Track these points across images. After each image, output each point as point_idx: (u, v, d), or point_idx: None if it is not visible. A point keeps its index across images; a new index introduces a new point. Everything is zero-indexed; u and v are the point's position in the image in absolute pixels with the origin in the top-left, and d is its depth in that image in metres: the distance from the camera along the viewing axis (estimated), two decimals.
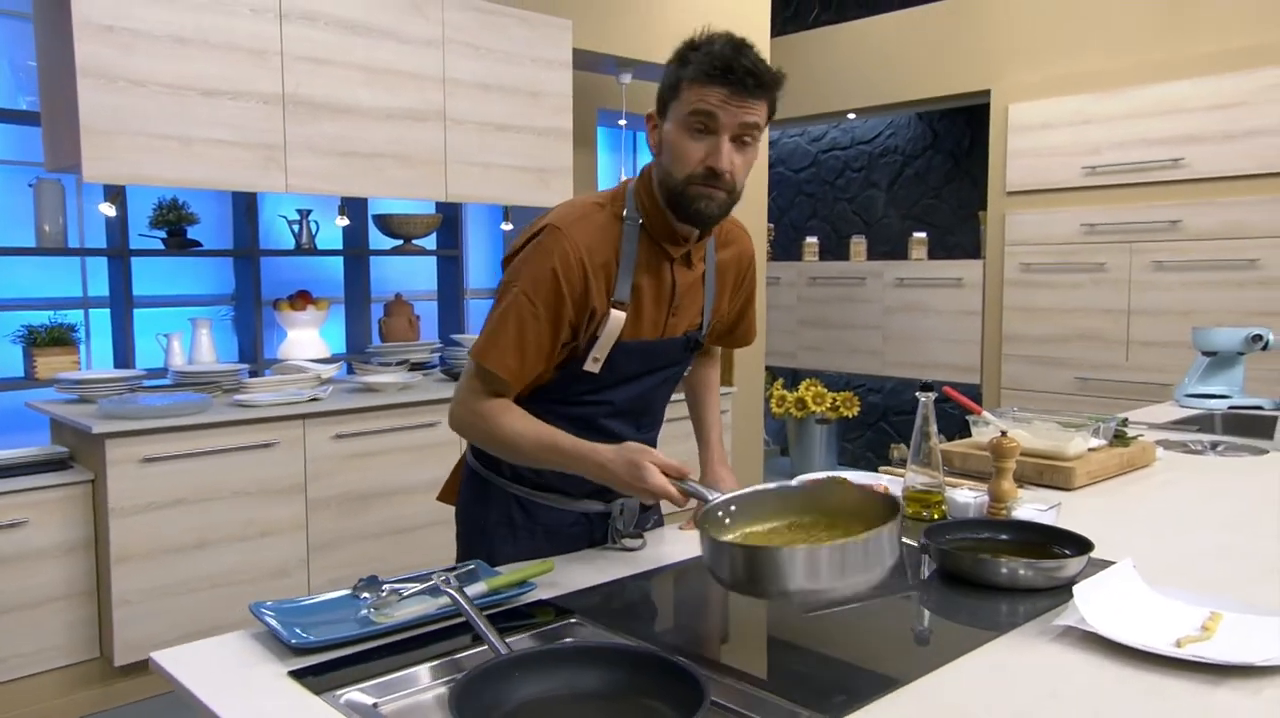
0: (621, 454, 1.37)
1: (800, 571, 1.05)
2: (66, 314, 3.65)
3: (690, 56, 1.39)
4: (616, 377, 1.54)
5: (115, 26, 2.75)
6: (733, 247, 1.65)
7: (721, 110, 1.36)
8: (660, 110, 1.46)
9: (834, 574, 1.06)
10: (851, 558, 1.06)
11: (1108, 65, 4.51)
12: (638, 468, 1.34)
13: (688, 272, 1.56)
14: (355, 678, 1.12)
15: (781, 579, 1.06)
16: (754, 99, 1.37)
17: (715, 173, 1.40)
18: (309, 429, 3.09)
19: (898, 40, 5.33)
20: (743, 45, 1.38)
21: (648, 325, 1.53)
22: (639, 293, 1.51)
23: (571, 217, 1.48)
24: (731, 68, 1.34)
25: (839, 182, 6.25)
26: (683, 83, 1.39)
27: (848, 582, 1.07)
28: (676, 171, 1.42)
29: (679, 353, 1.60)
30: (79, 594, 2.80)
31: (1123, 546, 1.61)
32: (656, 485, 1.32)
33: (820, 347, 5.83)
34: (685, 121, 1.39)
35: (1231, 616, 1.23)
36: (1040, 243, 4.73)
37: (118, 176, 2.82)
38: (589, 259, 1.45)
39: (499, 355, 1.45)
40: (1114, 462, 2.14)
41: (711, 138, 1.39)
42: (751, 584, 1.09)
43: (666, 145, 1.44)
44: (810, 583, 1.05)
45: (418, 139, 3.44)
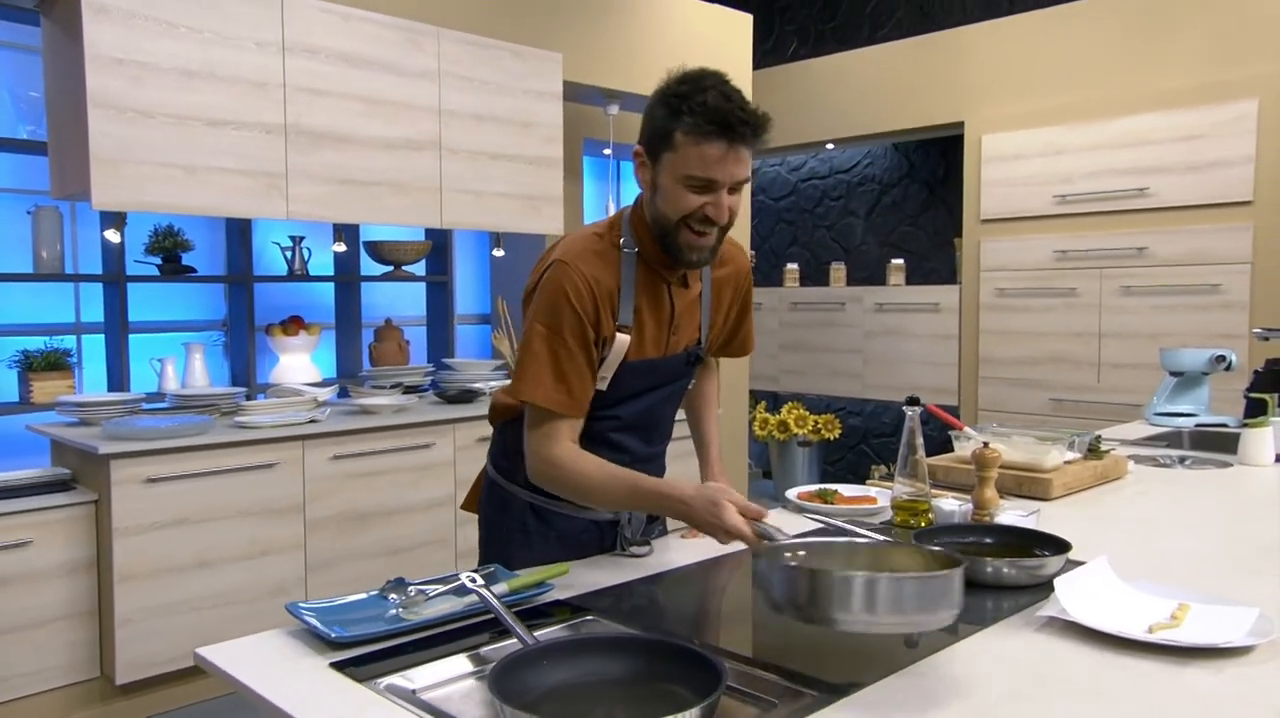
0: (702, 493, 1.42)
1: (858, 598, 1.08)
2: (60, 340, 3.70)
3: (682, 107, 1.43)
4: (623, 394, 1.63)
5: (125, 60, 2.84)
6: (729, 265, 1.75)
7: (720, 170, 1.44)
8: (650, 151, 1.51)
9: (890, 607, 1.09)
10: (909, 594, 1.10)
11: (1077, 99, 4.70)
12: (717, 507, 1.39)
13: (685, 292, 1.66)
14: (391, 669, 1.20)
15: (838, 605, 1.09)
16: (748, 147, 1.46)
17: (710, 221, 1.49)
18: (308, 450, 3.16)
19: (874, 74, 5.51)
20: (732, 92, 1.44)
21: (650, 345, 1.62)
22: (640, 316, 1.60)
23: (575, 249, 1.57)
24: (729, 122, 1.41)
25: (818, 209, 6.41)
26: (676, 134, 1.44)
27: (904, 618, 1.11)
28: (671, 215, 1.50)
29: (681, 368, 1.70)
30: (81, 614, 2.83)
31: (1098, 548, 1.71)
32: (734, 526, 1.37)
33: (802, 370, 5.95)
34: (683, 179, 1.46)
35: (1198, 606, 1.33)
36: (1014, 268, 4.89)
37: (125, 204, 2.89)
38: (596, 287, 1.53)
39: (543, 391, 1.51)
40: (1088, 474, 2.26)
41: (710, 194, 1.47)
42: (810, 609, 1.12)
43: (661, 191, 1.51)
44: (866, 613, 1.09)
45: (414, 168, 3.54)
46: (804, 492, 2.13)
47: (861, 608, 1.09)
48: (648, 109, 1.52)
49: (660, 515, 1.68)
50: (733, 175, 1.46)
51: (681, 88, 1.46)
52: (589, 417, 1.63)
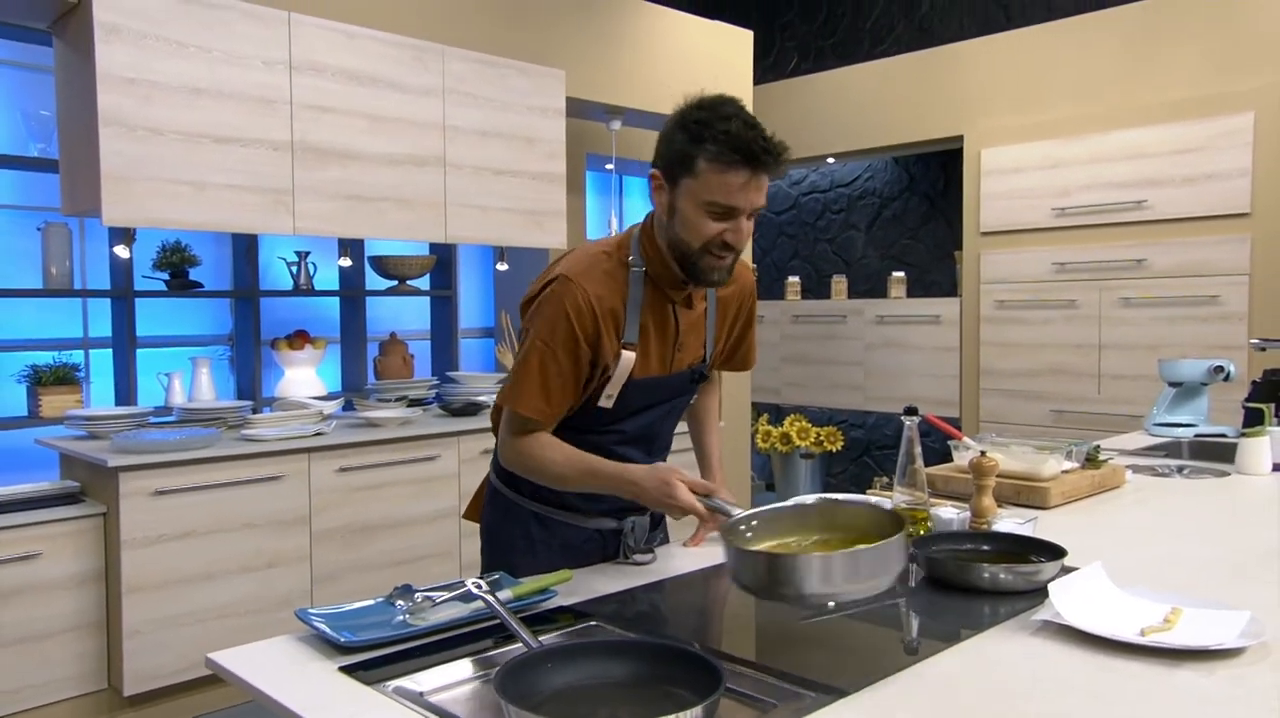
0: (653, 473, 1.50)
1: (816, 575, 1.18)
2: (69, 354, 3.74)
3: (705, 134, 1.45)
4: (628, 409, 1.66)
5: (136, 79, 2.88)
6: (734, 283, 1.77)
7: (741, 198, 1.47)
8: (669, 175, 1.53)
9: (846, 579, 1.20)
10: (862, 565, 1.20)
11: (1075, 112, 4.74)
12: (668, 486, 1.47)
13: (689, 312, 1.69)
14: (399, 673, 1.23)
15: (799, 583, 1.19)
16: (769, 175, 1.49)
17: (730, 247, 1.53)
18: (314, 463, 3.19)
19: (874, 88, 5.56)
20: (754, 120, 1.47)
21: (655, 363, 1.66)
22: (645, 334, 1.63)
23: (580, 265, 1.60)
24: (753, 152, 1.44)
25: (819, 223, 6.45)
26: (699, 160, 1.47)
27: (858, 586, 1.21)
28: (692, 241, 1.53)
29: (685, 385, 1.73)
30: (88, 626, 2.86)
31: (1095, 555, 1.73)
32: (685, 502, 1.46)
33: (803, 383, 5.98)
34: (705, 205, 1.49)
35: (1190, 610, 1.36)
36: (1014, 281, 4.92)
37: (135, 220, 2.94)
38: (598, 305, 1.57)
39: (527, 400, 1.57)
40: (1086, 483, 2.28)
41: (730, 221, 1.50)
42: (772, 588, 1.22)
43: (680, 217, 1.53)
44: (824, 587, 1.19)
45: (419, 183, 3.59)
46: (822, 498, 2.15)
47: (820, 582, 1.18)
48: (665, 133, 1.54)
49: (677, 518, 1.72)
50: (753, 203, 1.50)
51: (702, 114, 1.48)
52: (593, 430, 1.66)
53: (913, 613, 1.51)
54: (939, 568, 1.57)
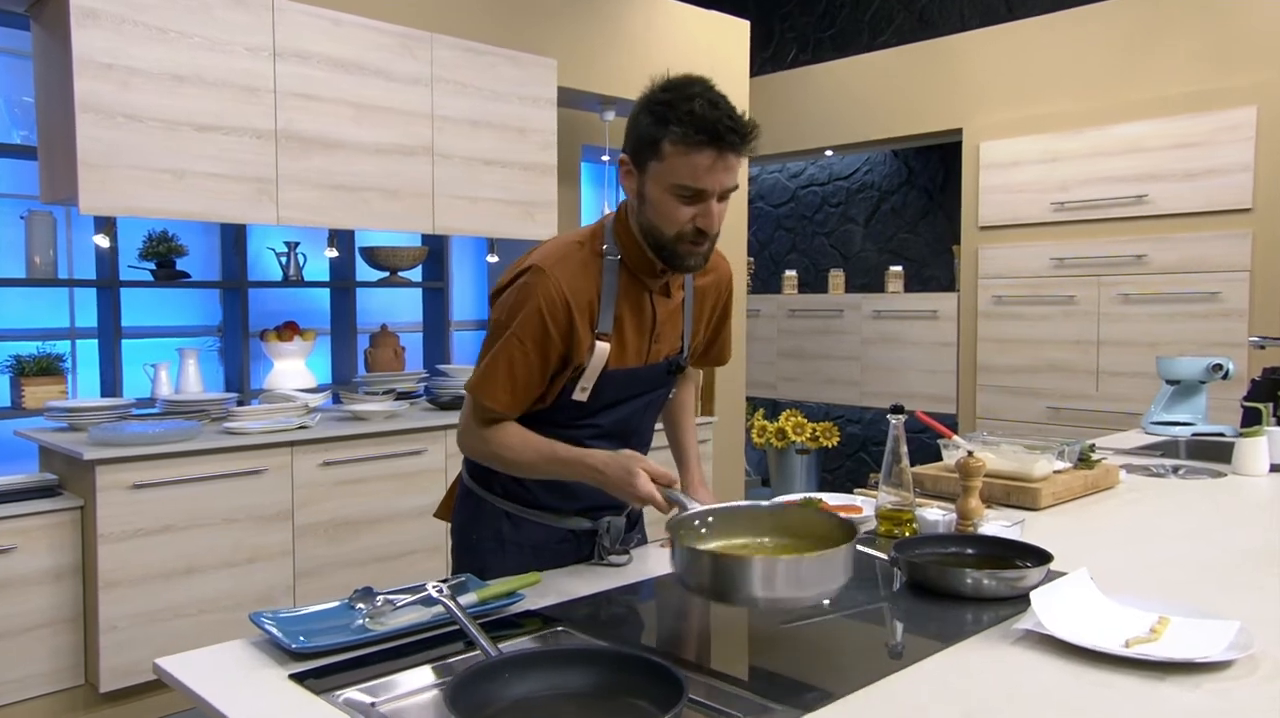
0: (616, 459, 1.46)
1: (758, 579, 1.16)
2: (54, 345, 3.69)
3: (669, 116, 1.41)
4: (603, 402, 1.61)
5: (114, 64, 2.83)
6: (712, 274, 1.73)
7: (710, 179, 1.42)
8: (636, 160, 1.49)
9: (790, 586, 1.17)
10: (806, 572, 1.18)
11: (1074, 106, 4.68)
12: (629, 474, 1.44)
13: (666, 301, 1.64)
14: (352, 681, 1.18)
15: (741, 586, 1.16)
16: (737, 155, 1.44)
17: (704, 232, 1.48)
18: (297, 457, 3.14)
19: (873, 81, 5.50)
20: (719, 98, 1.42)
21: (631, 354, 1.61)
22: (621, 324, 1.58)
23: (554, 256, 1.55)
24: (718, 131, 1.39)
25: (817, 216, 6.39)
26: (664, 143, 1.42)
27: (801, 593, 1.19)
28: (665, 229, 1.49)
29: (662, 377, 1.68)
30: (65, 621, 2.82)
31: (1084, 559, 1.68)
32: (644, 491, 1.42)
33: (799, 378, 5.93)
34: (672, 189, 1.45)
35: (1179, 619, 1.31)
36: (1012, 276, 4.86)
37: (113, 209, 2.88)
38: (572, 297, 1.52)
39: (492, 391, 1.54)
40: (1078, 483, 2.23)
41: (700, 204, 1.46)
42: (715, 589, 1.19)
43: (650, 202, 1.49)
44: (767, 592, 1.16)
45: (406, 173, 3.53)
46: (788, 502, 2.10)
47: (762, 588, 1.16)
48: (632, 117, 1.50)
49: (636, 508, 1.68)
50: (722, 184, 1.45)
51: (667, 95, 1.44)
52: (568, 424, 1.62)
53: (893, 620, 1.46)
54: (920, 573, 1.52)
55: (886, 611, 1.49)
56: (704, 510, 1.35)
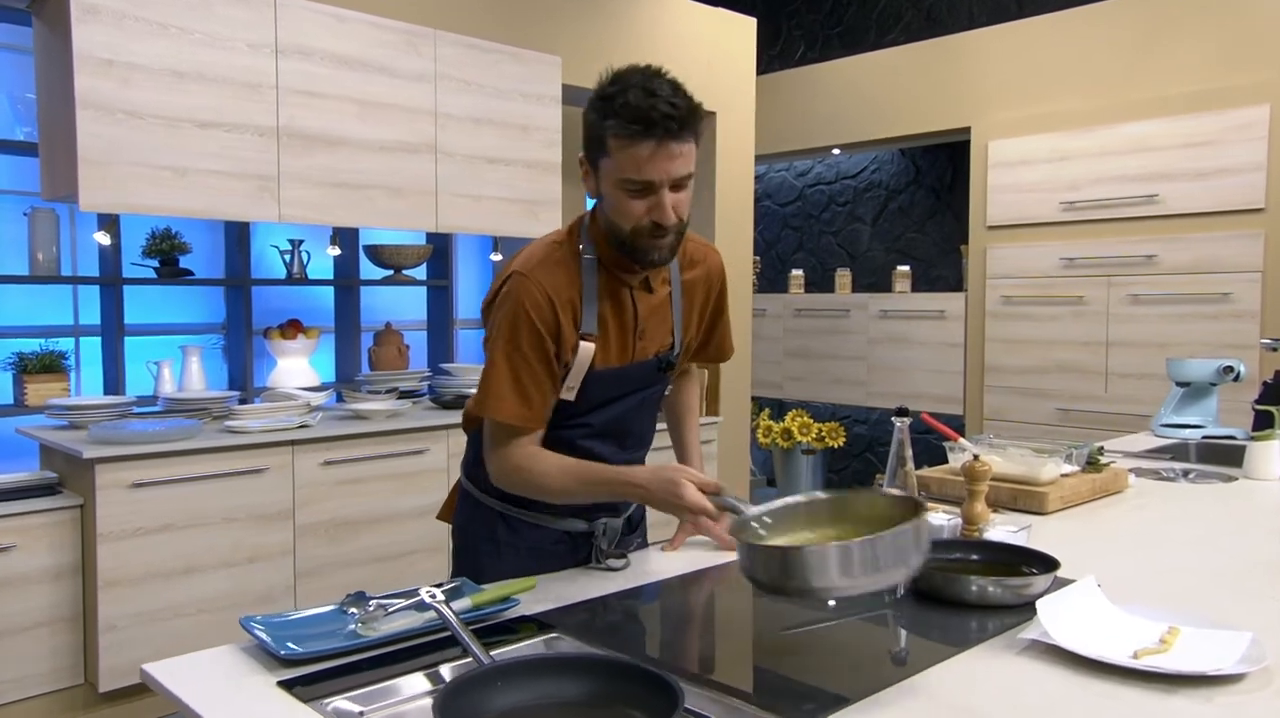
0: (657, 475, 1.43)
1: (834, 567, 1.09)
2: (57, 342, 3.68)
3: (608, 109, 1.38)
4: (592, 402, 1.59)
5: (115, 61, 2.81)
6: (699, 267, 1.70)
7: (654, 170, 1.39)
8: (590, 158, 1.47)
9: (865, 570, 1.10)
10: (881, 552, 1.11)
11: (1083, 104, 4.63)
12: (674, 485, 1.40)
13: (649, 296, 1.61)
14: (342, 688, 1.15)
15: (815, 576, 1.10)
16: (681, 141, 1.40)
17: (660, 225, 1.44)
18: (298, 456, 3.12)
19: (881, 79, 5.46)
20: (655, 87, 1.37)
21: (616, 352, 1.58)
22: (604, 322, 1.56)
23: (533, 260, 1.53)
24: (651, 119, 1.35)
25: (824, 215, 6.36)
26: (607, 139, 1.40)
27: (879, 577, 1.12)
28: (622, 224, 1.46)
29: (652, 375, 1.65)
30: (64, 620, 2.80)
31: (1092, 565, 1.65)
32: (693, 502, 1.38)
33: (805, 377, 5.89)
34: (621, 184, 1.42)
35: (1189, 630, 1.27)
36: (1021, 276, 4.82)
37: (114, 206, 2.87)
38: (555, 296, 1.50)
39: (504, 406, 1.50)
40: (1086, 487, 2.20)
41: (651, 196, 1.42)
42: (788, 584, 1.13)
43: (606, 199, 1.47)
44: (845, 579, 1.10)
45: (409, 171, 3.51)
46: None
47: (839, 574, 1.10)
48: (583, 115, 1.48)
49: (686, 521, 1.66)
50: (669, 173, 1.41)
51: (608, 89, 1.41)
52: (557, 425, 1.59)
53: (897, 627, 1.43)
54: (923, 580, 1.48)
55: (890, 618, 1.46)
56: (762, 511, 1.31)
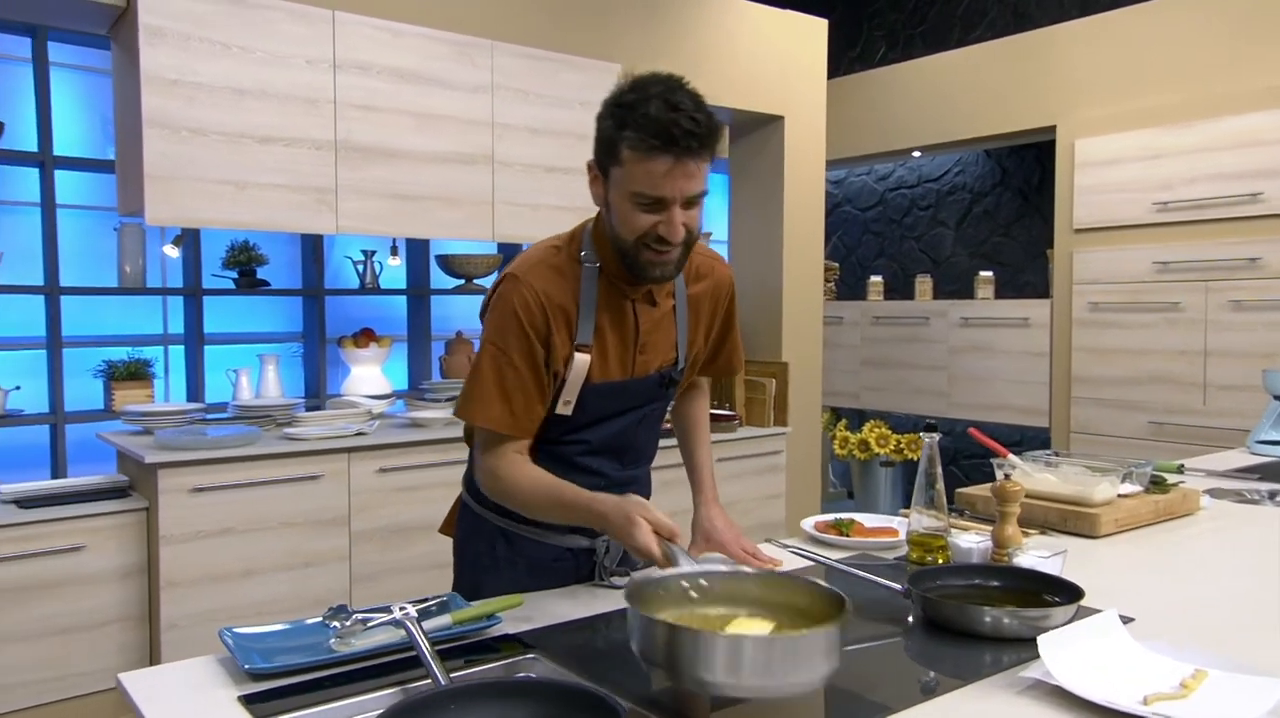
0: (620, 508, 1.36)
1: (720, 660, 0.98)
2: (144, 350, 3.85)
3: (627, 119, 1.34)
4: (590, 417, 1.54)
5: (180, 80, 2.92)
6: (706, 280, 1.64)
7: (668, 187, 1.34)
8: (600, 166, 1.43)
9: (757, 671, 0.98)
10: (778, 656, 0.99)
11: (1177, 98, 4.36)
12: (630, 523, 1.33)
13: (652, 310, 1.56)
14: (305, 704, 1.14)
15: (701, 667, 0.99)
16: (699, 159, 1.34)
17: (666, 240, 1.39)
18: (354, 463, 3.18)
19: (962, 78, 5.26)
20: (678, 101, 1.33)
21: (615, 366, 1.53)
22: (602, 334, 1.51)
23: (529, 263, 1.50)
24: (672, 135, 1.30)
25: (906, 220, 6.16)
26: (622, 149, 1.35)
27: (772, 682, 1.00)
28: (626, 236, 1.41)
29: (653, 391, 1.59)
30: (132, 618, 2.92)
31: (1132, 596, 1.53)
32: (643, 543, 1.31)
33: (884, 387, 5.71)
34: (632, 197, 1.37)
35: (1218, 674, 1.15)
36: (1110, 281, 4.56)
37: (178, 220, 2.98)
38: (547, 301, 1.46)
39: (482, 409, 1.47)
40: (1147, 509, 2.04)
41: (661, 212, 1.37)
42: (669, 665, 1.03)
43: (613, 208, 1.43)
44: (729, 677, 0.98)
45: (466, 181, 3.54)
46: (820, 521, 1.99)
47: (725, 670, 0.98)
48: (597, 119, 1.43)
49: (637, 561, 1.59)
50: (683, 191, 1.36)
51: (628, 97, 1.37)
52: (556, 440, 1.55)
53: (907, 658, 1.35)
54: (933, 609, 1.39)
55: (899, 647, 1.38)
56: (700, 571, 1.22)
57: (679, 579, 1.21)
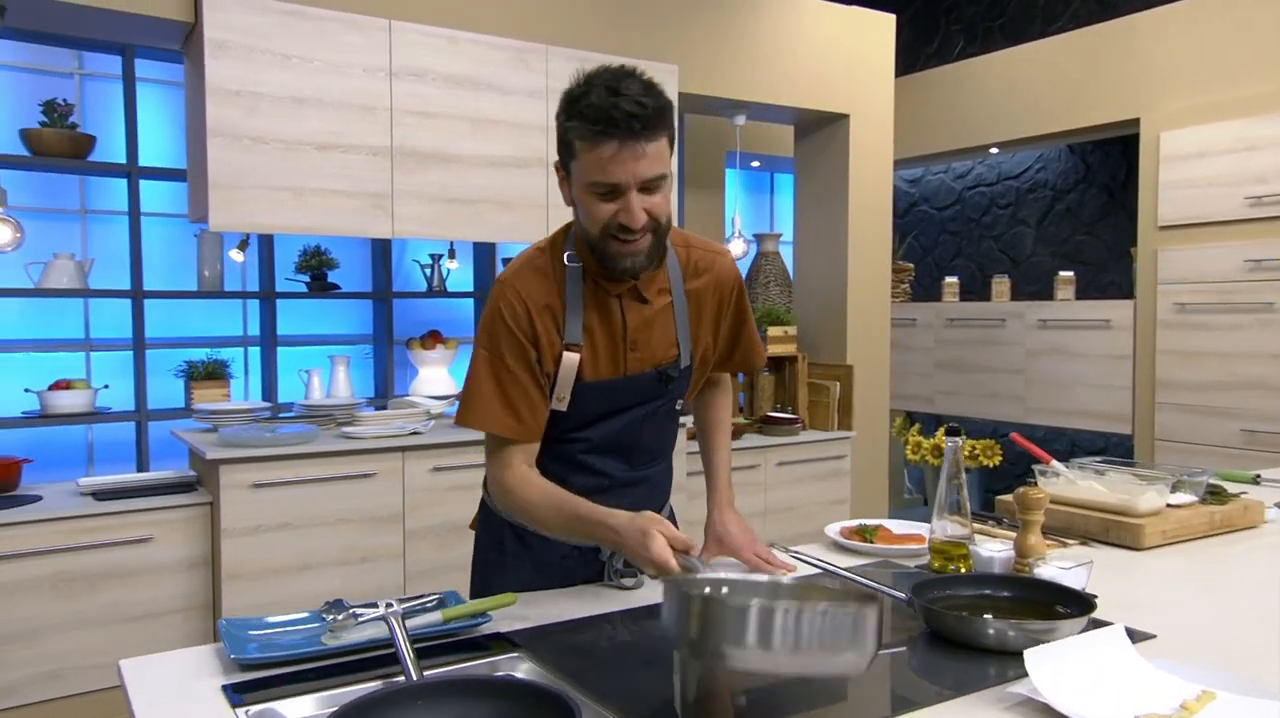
0: (634, 523, 1.36)
1: (753, 629, 0.96)
2: (221, 352, 4.02)
3: (572, 110, 1.36)
4: (588, 415, 1.54)
5: (242, 91, 3.04)
6: (706, 275, 1.62)
7: (619, 171, 1.34)
8: (562, 162, 1.44)
9: (787, 643, 0.97)
10: (808, 630, 0.97)
11: (1270, 86, 4.10)
12: (644, 536, 1.32)
13: (642, 307, 1.54)
14: (282, 695, 1.16)
15: (732, 634, 0.97)
16: (647, 141, 1.34)
17: (629, 229, 1.38)
18: (408, 461, 3.24)
19: (1040, 70, 5.06)
20: (620, 86, 1.33)
21: (606, 364, 1.53)
22: (591, 333, 1.51)
23: (514, 267, 1.52)
24: (613, 119, 1.31)
25: (984, 219, 5.97)
26: (574, 143, 1.37)
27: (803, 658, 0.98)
28: (591, 228, 1.42)
29: (652, 388, 1.58)
30: (196, 608, 3.04)
31: (1163, 611, 1.45)
32: (658, 556, 1.30)
33: (959, 391, 5.54)
34: (589, 187, 1.38)
35: (1227, 696, 1.08)
36: (1198, 281, 4.32)
37: (241, 225, 3.09)
38: (531, 303, 1.48)
39: (482, 415, 1.49)
40: (1200, 521, 1.92)
41: (619, 199, 1.37)
42: (699, 639, 1.01)
43: (578, 204, 1.44)
44: (760, 648, 0.97)
45: (520, 185, 3.58)
46: (845, 527, 1.94)
47: (756, 642, 0.96)
48: (555, 118, 1.44)
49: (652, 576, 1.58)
50: (635, 174, 1.35)
51: (576, 90, 1.38)
52: (557, 439, 1.56)
53: (909, 670, 1.30)
54: (934, 621, 1.34)
55: (902, 658, 1.33)
56: (719, 579, 1.20)
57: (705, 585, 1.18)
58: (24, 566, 2.78)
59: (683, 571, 1.29)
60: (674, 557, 1.30)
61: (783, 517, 4.17)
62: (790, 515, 4.18)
